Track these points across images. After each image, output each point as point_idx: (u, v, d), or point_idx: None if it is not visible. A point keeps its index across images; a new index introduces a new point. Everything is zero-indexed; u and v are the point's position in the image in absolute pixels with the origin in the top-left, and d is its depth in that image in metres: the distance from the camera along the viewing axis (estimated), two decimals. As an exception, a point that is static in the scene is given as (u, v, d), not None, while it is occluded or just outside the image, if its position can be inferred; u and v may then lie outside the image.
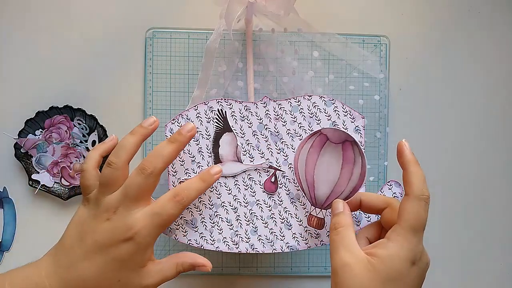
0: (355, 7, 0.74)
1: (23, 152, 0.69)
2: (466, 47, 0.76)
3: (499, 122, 0.76)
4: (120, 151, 0.54)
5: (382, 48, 0.73)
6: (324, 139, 0.59)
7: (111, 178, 0.54)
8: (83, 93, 0.71)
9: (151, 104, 0.71)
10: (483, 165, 0.76)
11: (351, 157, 0.58)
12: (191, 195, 0.54)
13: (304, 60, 0.72)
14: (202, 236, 0.59)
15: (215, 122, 0.60)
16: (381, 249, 0.49)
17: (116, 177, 0.54)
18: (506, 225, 0.77)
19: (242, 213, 0.60)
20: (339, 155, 0.58)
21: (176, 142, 0.55)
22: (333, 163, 0.58)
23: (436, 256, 0.76)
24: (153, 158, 0.54)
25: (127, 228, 0.52)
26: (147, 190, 0.54)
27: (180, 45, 0.71)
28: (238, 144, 0.60)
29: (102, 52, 0.71)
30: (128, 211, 0.53)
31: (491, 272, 0.77)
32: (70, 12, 0.71)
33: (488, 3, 0.76)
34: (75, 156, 0.70)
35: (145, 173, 0.53)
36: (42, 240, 0.70)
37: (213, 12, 0.65)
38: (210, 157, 0.60)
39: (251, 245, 0.60)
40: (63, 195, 0.70)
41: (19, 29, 0.71)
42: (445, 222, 0.76)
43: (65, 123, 0.70)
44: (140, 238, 0.52)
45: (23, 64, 0.71)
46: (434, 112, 0.75)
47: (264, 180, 0.60)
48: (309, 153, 0.59)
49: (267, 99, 0.61)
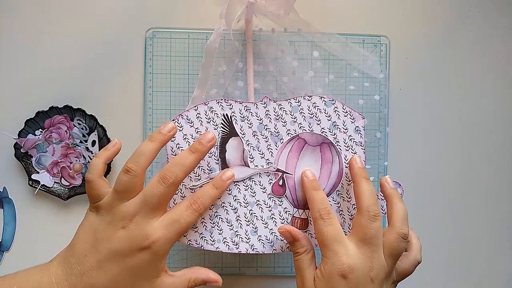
0: (355, 7, 0.74)
1: (23, 152, 0.69)
2: (466, 47, 0.76)
3: (499, 122, 0.76)
4: (139, 158, 0.53)
5: (382, 48, 0.73)
6: (302, 143, 0.60)
7: (129, 186, 0.53)
8: (83, 93, 0.71)
9: (151, 104, 0.71)
10: (484, 165, 0.76)
11: (329, 157, 0.60)
12: (207, 202, 0.55)
13: (304, 60, 0.72)
14: (202, 237, 0.59)
15: (221, 127, 0.60)
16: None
17: (134, 184, 0.53)
18: (506, 225, 0.77)
19: (242, 213, 0.60)
20: (318, 157, 0.60)
21: (197, 152, 0.55)
22: (312, 164, 0.60)
23: (436, 256, 0.76)
24: (175, 167, 0.53)
25: (145, 237, 0.51)
26: (167, 199, 0.53)
27: (180, 45, 0.71)
28: (244, 149, 0.60)
29: (102, 52, 0.71)
30: (146, 220, 0.52)
31: (491, 272, 0.77)
32: (70, 12, 0.71)
33: (488, 3, 0.75)
34: (75, 156, 0.70)
35: (167, 182, 0.52)
36: (42, 240, 0.70)
37: (213, 12, 0.65)
38: (210, 157, 0.60)
39: (251, 246, 0.60)
40: (63, 195, 0.70)
41: (20, 30, 0.71)
42: (445, 222, 0.76)
43: (65, 123, 0.70)
44: (157, 247, 0.51)
45: (23, 64, 0.71)
46: (434, 112, 0.75)
47: (265, 181, 0.60)
48: (289, 157, 0.60)
49: (267, 99, 0.61)
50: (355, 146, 0.61)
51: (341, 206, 0.60)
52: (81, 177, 0.70)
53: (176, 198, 0.59)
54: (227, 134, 0.60)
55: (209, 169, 0.60)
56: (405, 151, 0.75)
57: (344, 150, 0.60)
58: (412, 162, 0.75)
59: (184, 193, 0.59)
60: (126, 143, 0.71)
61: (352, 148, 0.60)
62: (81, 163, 0.70)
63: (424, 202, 0.75)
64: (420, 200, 0.75)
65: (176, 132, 0.56)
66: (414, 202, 0.75)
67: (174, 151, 0.59)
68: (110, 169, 0.70)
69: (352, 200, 0.61)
